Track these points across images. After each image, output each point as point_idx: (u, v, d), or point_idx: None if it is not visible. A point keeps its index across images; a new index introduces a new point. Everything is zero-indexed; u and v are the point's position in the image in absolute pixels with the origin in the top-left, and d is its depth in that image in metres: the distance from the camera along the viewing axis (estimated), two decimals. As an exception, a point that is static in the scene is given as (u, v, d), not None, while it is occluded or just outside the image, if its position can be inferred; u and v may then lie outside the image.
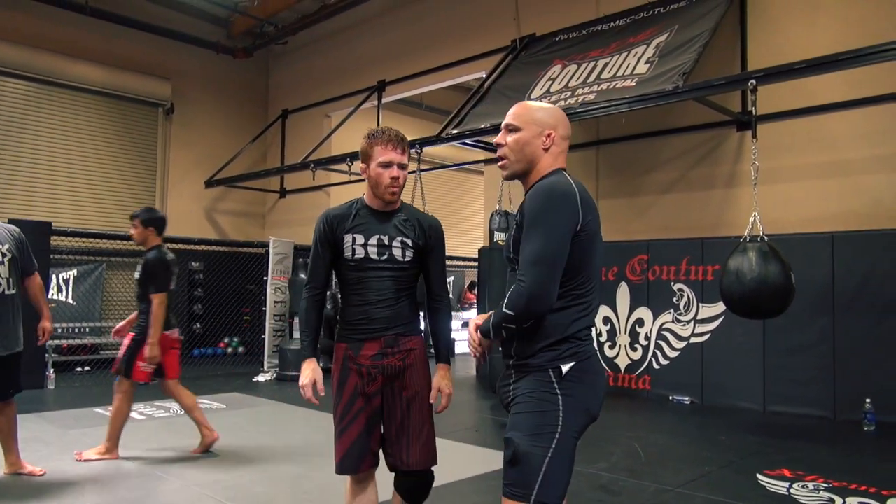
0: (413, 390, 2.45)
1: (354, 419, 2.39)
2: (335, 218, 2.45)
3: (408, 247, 2.45)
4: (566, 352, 1.84)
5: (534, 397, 1.82)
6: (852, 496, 3.82)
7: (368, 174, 2.44)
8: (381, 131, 2.45)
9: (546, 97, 6.92)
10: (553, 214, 1.80)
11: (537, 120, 1.97)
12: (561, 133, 1.98)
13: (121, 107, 10.60)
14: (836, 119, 6.27)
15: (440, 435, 5.34)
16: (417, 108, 13.18)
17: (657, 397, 7.17)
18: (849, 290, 6.03)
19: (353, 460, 2.39)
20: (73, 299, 9.50)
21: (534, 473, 1.74)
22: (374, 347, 2.40)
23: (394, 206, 2.48)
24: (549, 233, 1.78)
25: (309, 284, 2.49)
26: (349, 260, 2.42)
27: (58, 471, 4.21)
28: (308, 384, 2.42)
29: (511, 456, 1.79)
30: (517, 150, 1.96)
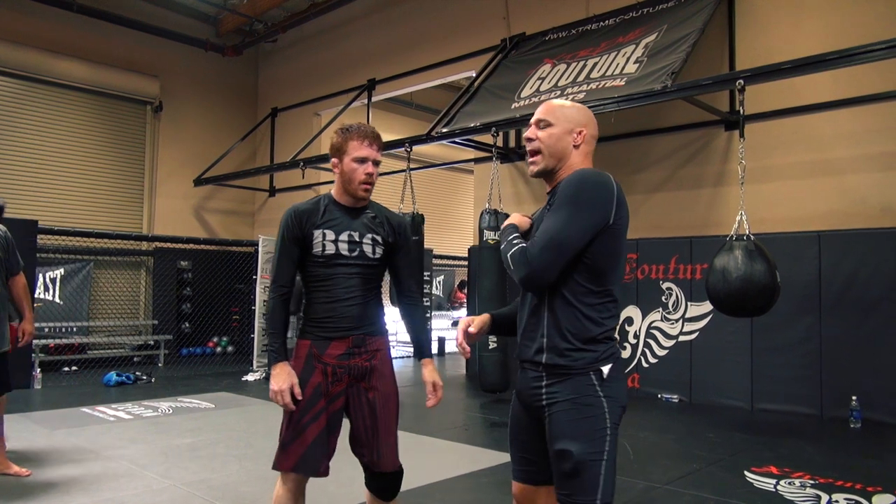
0: (380, 391, 2.41)
1: (315, 419, 2.33)
2: (304, 213, 2.38)
3: (378, 244, 2.44)
4: (605, 353, 1.83)
5: (579, 402, 1.79)
6: (838, 492, 3.85)
7: (341, 169, 2.40)
8: (356, 126, 2.41)
9: (536, 96, 6.93)
10: (583, 202, 1.79)
11: (569, 117, 1.95)
12: (591, 132, 1.97)
13: (109, 104, 10.53)
14: (822, 119, 6.32)
15: (430, 434, 5.38)
16: (407, 106, 13.17)
17: (646, 396, 7.20)
18: (835, 289, 6.08)
19: (313, 461, 2.33)
20: (59, 298, 9.43)
21: (595, 479, 1.75)
22: (342, 347, 2.36)
23: (363, 202, 2.46)
24: (572, 218, 1.77)
25: (276, 283, 2.39)
26: (318, 256, 2.36)
27: (44, 471, 4.18)
28: (285, 389, 2.29)
29: (572, 468, 1.76)
30: (550, 145, 1.93)
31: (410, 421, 6.21)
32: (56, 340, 9.11)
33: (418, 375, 9.36)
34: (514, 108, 6.92)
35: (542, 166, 1.96)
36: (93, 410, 6.24)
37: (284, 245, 2.38)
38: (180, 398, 6.98)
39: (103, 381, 7.90)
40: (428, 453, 4.86)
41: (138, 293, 10.78)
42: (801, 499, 3.75)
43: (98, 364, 9.04)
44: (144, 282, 10.84)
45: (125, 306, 10.46)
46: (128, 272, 10.63)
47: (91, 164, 10.32)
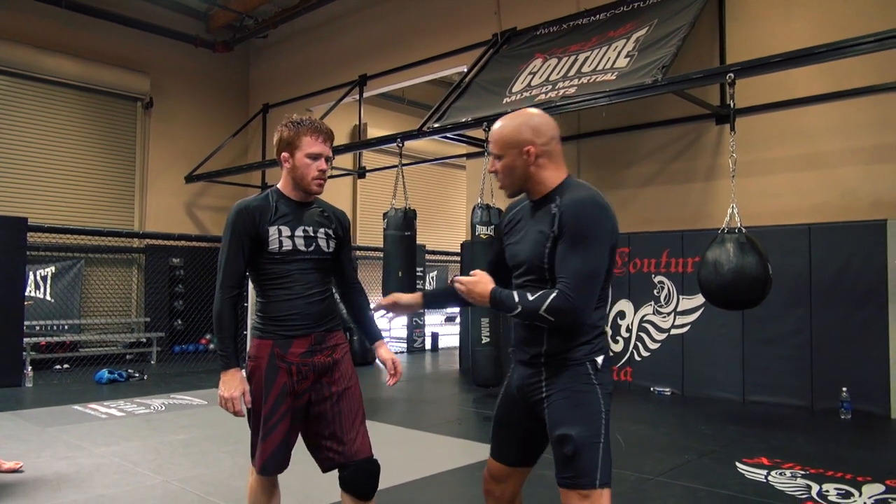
0: (342, 385, 2.37)
1: (280, 420, 2.30)
2: (255, 210, 2.30)
3: (330, 237, 2.42)
4: (598, 345, 1.96)
5: (575, 391, 1.91)
6: (828, 482, 3.88)
7: (292, 164, 2.33)
8: (307, 121, 2.34)
9: (527, 91, 6.93)
10: (600, 231, 1.89)
11: (512, 142, 2.00)
12: (541, 142, 1.99)
13: (99, 101, 10.47)
14: (812, 112, 6.35)
15: (423, 428, 5.38)
16: (399, 102, 13.15)
17: (639, 389, 7.23)
18: (825, 281, 6.12)
19: (278, 462, 2.33)
20: (51, 296, 9.39)
21: (594, 461, 1.86)
22: (304, 345, 2.31)
23: (313, 197, 2.43)
24: (595, 249, 1.87)
25: (225, 284, 2.27)
26: (275, 253, 2.29)
27: (36, 468, 4.17)
28: (236, 396, 2.22)
29: (572, 451, 1.87)
30: (507, 175, 2.04)
31: (403, 416, 6.22)
32: (47, 338, 9.07)
33: (412, 371, 9.39)
34: (506, 103, 6.92)
35: (510, 192, 2.08)
36: (85, 408, 6.22)
37: (235, 243, 2.28)
38: (173, 395, 6.96)
39: (95, 379, 7.88)
40: (421, 448, 4.87)
41: (130, 291, 10.74)
42: (792, 489, 3.77)
43: (90, 362, 9.00)
44: (136, 279, 10.79)
45: (117, 304, 10.42)
46: (119, 269, 10.59)
47: (81, 162, 10.26)
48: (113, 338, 9.90)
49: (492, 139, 2.06)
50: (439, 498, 3.71)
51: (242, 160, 11.72)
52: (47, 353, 9.02)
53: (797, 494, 3.67)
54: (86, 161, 10.31)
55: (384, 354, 2.52)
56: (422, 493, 3.76)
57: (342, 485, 2.36)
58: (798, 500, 3.57)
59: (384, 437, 5.15)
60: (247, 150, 12.13)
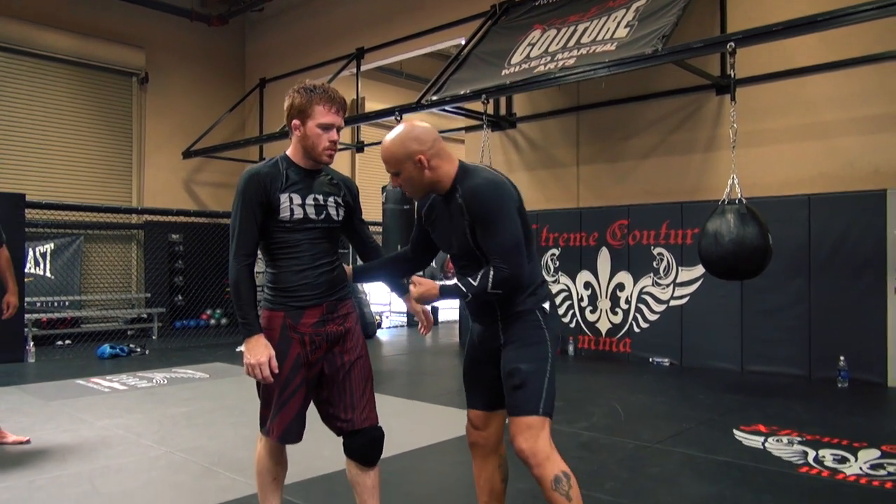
0: (354, 353, 2.39)
1: (296, 392, 2.30)
2: (266, 177, 2.26)
3: (340, 206, 2.40)
4: (542, 294, 2.23)
5: (526, 335, 2.17)
6: (825, 448, 3.93)
7: (303, 132, 2.28)
8: (320, 87, 2.28)
9: (526, 62, 6.87)
10: (502, 206, 2.10)
11: (403, 157, 2.17)
12: (428, 146, 2.17)
13: (94, 76, 10.37)
14: (813, 82, 6.30)
15: (425, 399, 5.43)
16: (397, 76, 13.03)
17: (637, 360, 7.28)
18: (824, 251, 6.13)
19: (296, 431, 2.35)
20: (51, 273, 9.40)
21: (538, 391, 2.11)
22: (316, 314, 2.30)
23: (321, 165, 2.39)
24: (505, 222, 2.09)
25: (240, 252, 2.24)
26: (286, 221, 2.26)
27: (41, 440, 4.21)
28: (264, 361, 2.19)
29: (520, 381, 2.12)
30: (411, 186, 2.23)
31: (405, 387, 6.27)
32: (48, 315, 9.10)
33: (412, 344, 9.44)
34: (505, 75, 6.86)
35: (419, 197, 2.30)
36: (87, 382, 6.26)
37: (248, 210, 2.23)
38: (175, 369, 7.01)
39: (97, 354, 7.92)
40: (422, 418, 4.92)
41: (130, 267, 10.75)
42: (789, 455, 3.82)
43: (92, 337, 9.05)
44: (136, 255, 10.80)
45: (117, 280, 10.44)
46: (119, 246, 10.59)
47: (78, 138, 10.20)
48: (114, 314, 9.94)
49: (384, 159, 2.22)
50: (440, 465, 3.75)
51: (240, 135, 11.65)
52: (49, 330, 9.05)
53: (794, 460, 3.72)
54: (82, 137, 10.25)
55: (415, 306, 2.51)
56: (423, 461, 3.81)
57: (346, 451, 2.39)
58: (794, 466, 3.62)
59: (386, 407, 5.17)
60: (244, 124, 12.06)
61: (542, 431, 2.08)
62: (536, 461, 2.06)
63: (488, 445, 2.38)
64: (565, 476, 2.06)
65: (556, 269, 8.05)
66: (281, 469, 2.47)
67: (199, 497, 3.21)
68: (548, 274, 8.13)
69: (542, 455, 2.06)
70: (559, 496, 2.04)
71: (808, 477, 3.45)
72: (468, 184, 2.13)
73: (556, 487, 2.04)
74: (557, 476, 2.05)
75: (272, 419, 2.33)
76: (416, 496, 3.28)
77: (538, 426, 2.08)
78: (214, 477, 3.51)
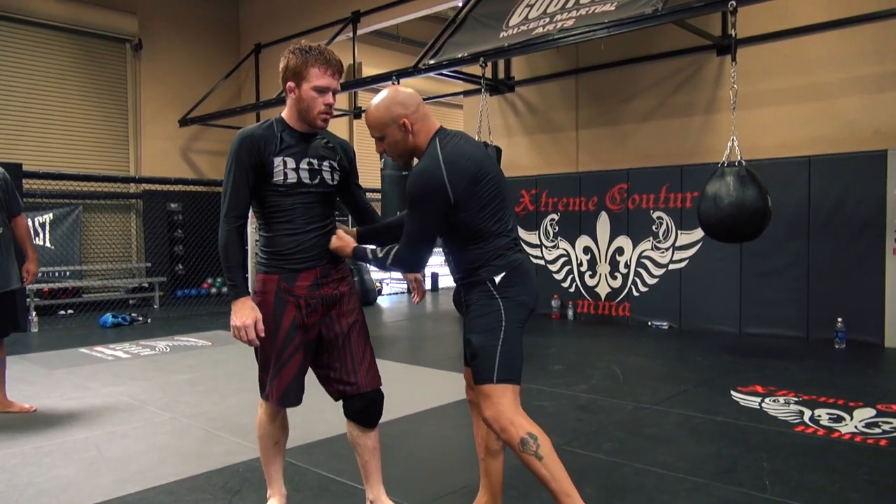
0: (352, 317, 2.39)
1: (294, 354, 2.31)
2: (260, 139, 2.23)
3: (335, 170, 2.38)
4: (497, 266, 2.21)
5: (480, 304, 2.21)
6: (821, 408, 3.98)
7: (298, 95, 2.24)
8: (316, 50, 2.24)
9: (524, 24, 6.76)
10: (422, 203, 2.12)
11: (388, 120, 2.19)
12: (412, 111, 2.20)
13: (87, 43, 10.23)
14: (814, 41, 6.22)
15: (425, 364, 5.48)
16: (394, 40, 12.84)
17: (637, 324, 7.33)
18: (823, 213, 6.12)
19: (295, 394, 2.36)
20: (51, 243, 9.40)
21: (490, 360, 2.15)
22: (310, 277, 2.31)
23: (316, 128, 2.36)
24: (419, 218, 2.14)
25: (230, 214, 2.23)
26: (279, 185, 2.25)
27: (46, 408, 4.26)
28: (249, 324, 2.19)
29: (472, 353, 2.20)
30: (395, 151, 2.25)
31: (406, 353, 6.32)
32: (50, 285, 9.13)
33: (412, 310, 9.49)
34: (503, 38, 6.76)
35: (403, 162, 2.30)
36: (91, 350, 6.31)
37: (240, 172, 2.23)
38: (177, 337, 7.06)
39: (100, 323, 7.97)
40: (423, 382, 4.97)
41: (129, 236, 10.74)
42: (785, 414, 3.87)
43: (94, 307, 9.09)
44: (135, 225, 10.78)
45: (117, 250, 10.44)
46: (118, 215, 10.57)
47: (73, 107, 10.10)
48: (115, 283, 9.97)
49: (370, 123, 2.23)
50: (442, 428, 3.80)
51: (236, 102, 11.53)
52: (51, 300, 9.09)
53: (790, 419, 3.77)
54: (78, 106, 10.15)
55: (409, 275, 2.57)
56: (424, 425, 3.86)
57: (347, 414, 2.42)
58: (791, 425, 3.67)
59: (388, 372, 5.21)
60: (240, 91, 11.93)
61: (503, 398, 2.13)
62: (500, 426, 2.12)
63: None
64: (531, 437, 2.09)
65: (556, 234, 8.05)
66: (282, 433, 2.50)
67: (204, 461, 3.26)
68: (547, 239, 8.13)
69: (505, 421, 2.11)
70: (528, 456, 2.09)
71: (803, 436, 3.50)
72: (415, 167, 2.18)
73: (523, 450, 2.09)
74: (524, 438, 2.09)
75: (270, 383, 2.35)
76: (417, 458, 3.33)
77: (496, 394, 2.13)
78: (219, 441, 3.56)
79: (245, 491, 2.87)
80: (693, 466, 3.07)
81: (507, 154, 8.02)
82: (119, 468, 3.17)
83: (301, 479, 2.98)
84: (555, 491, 2.10)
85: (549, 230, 8.11)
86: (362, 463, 2.48)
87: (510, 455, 2.35)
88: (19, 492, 2.90)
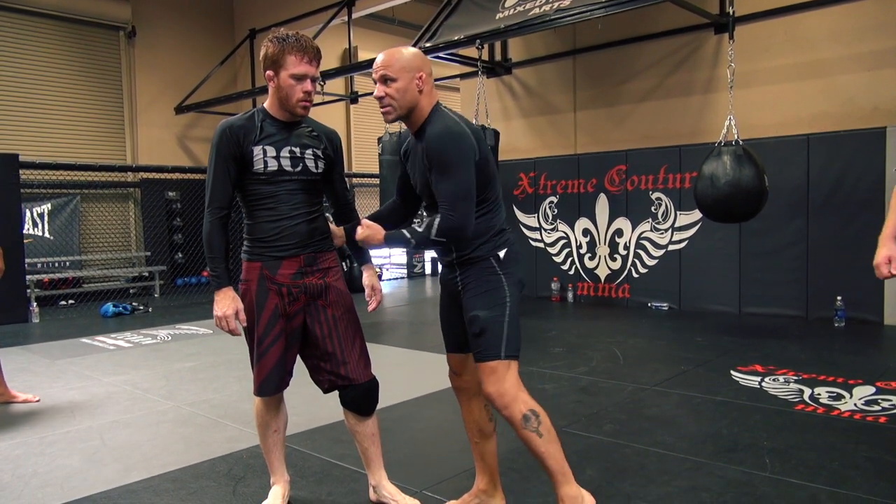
0: (339, 308, 2.39)
1: (275, 342, 2.32)
2: (240, 129, 2.25)
3: (319, 157, 2.37)
4: (499, 241, 2.23)
5: (482, 280, 2.20)
6: (820, 386, 4.00)
7: (277, 84, 2.26)
8: (293, 38, 2.24)
9: (521, 5, 6.71)
10: (459, 156, 2.09)
11: (408, 66, 2.16)
12: (427, 71, 2.19)
13: (80, 31, 10.14)
14: (813, 18, 6.17)
15: (426, 349, 5.50)
16: (390, 23, 12.75)
17: (636, 305, 7.34)
18: (823, 191, 6.11)
19: (274, 383, 2.36)
20: (49, 233, 9.39)
21: (498, 336, 2.15)
22: (293, 266, 2.31)
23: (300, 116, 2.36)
24: (461, 172, 2.08)
25: (213, 205, 2.25)
26: (260, 174, 2.26)
27: (49, 398, 4.28)
28: (230, 314, 2.22)
29: (479, 328, 2.16)
30: (399, 99, 2.16)
31: (406, 338, 6.34)
32: (50, 275, 9.13)
33: (413, 295, 9.50)
34: (499, 19, 6.71)
35: (394, 116, 2.20)
36: (92, 340, 6.33)
37: (220, 163, 2.25)
38: (178, 326, 7.07)
39: (101, 313, 7.98)
40: (424, 367, 4.99)
41: (128, 225, 10.73)
42: (785, 393, 3.89)
43: (94, 297, 9.10)
44: (133, 214, 10.76)
45: (116, 239, 10.44)
46: (116, 205, 10.55)
47: (69, 96, 10.03)
48: (115, 273, 9.97)
49: (385, 63, 2.16)
50: (442, 413, 3.82)
51: (232, 89, 11.47)
52: (51, 290, 9.10)
53: (790, 398, 3.79)
54: (73, 95, 10.08)
55: (365, 279, 2.52)
56: (425, 409, 3.88)
57: (343, 403, 2.44)
58: (790, 404, 3.69)
59: (389, 357, 5.27)
60: (235, 78, 11.86)
61: (508, 373, 2.14)
62: (503, 402, 2.13)
63: (470, 388, 2.42)
64: (533, 414, 2.12)
65: (555, 216, 8.04)
66: (280, 420, 2.52)
67: (207, 448, 3.27)
68: (546, 221, 8.12)
69: (509, 397, 2.12)
70: (530, 433, 2.11)
71: (803, 414, 3.52)
72: (432, 129, 2.14)
73: (525, 426, 2.11)
74: (526, 415, 2.12)
75: (253, 370, 2.37)
76: (418, 442, 3.35)
77: (502, 369, 2.14)
78: (222, 429, 3.58)
79: (249, 477, 2.89)
80: (693, 446, 3.09)
81: (504, 137, 8.00)
82: (123, 457, 3.19)
83: (304, 465, 3.00)
84: (551, 469, 2.13)
85: (548, 213, 8.09)
86: (362, 450, 2.49)
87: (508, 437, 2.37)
88: (24, 482, 2.92)
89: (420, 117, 2.19)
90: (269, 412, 2.47)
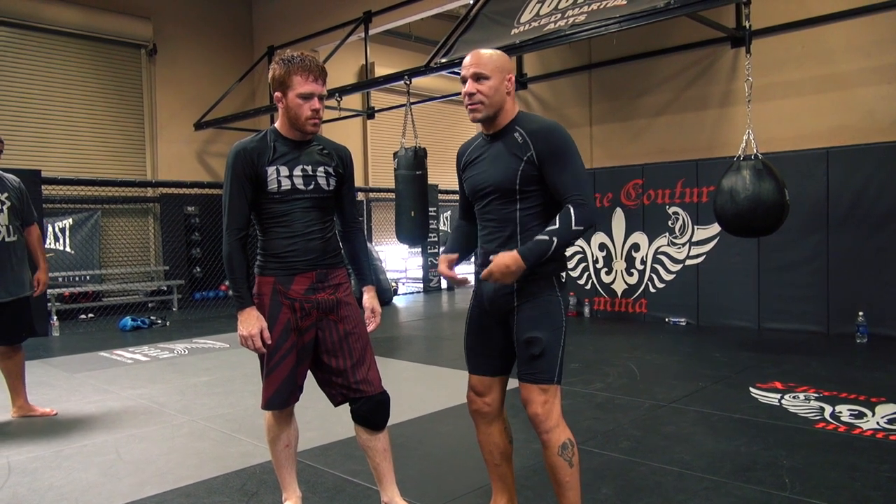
0: (350, 323, 2.40)
1: (286, 356, 2.34)
2: (253, 151, 2.29)
3: (331, 175, 2.39)
4: (563, 262, 2.22)
5: (543, 301, 2.15)
6: (842, 404, 3.92)
7: (285, 104, 2.30)
8: (298, 58, 2.28)
9: (535, 20, 6.73)
10: (573, 145, 2.14)
11: (500, 67, 2.17)
12: (513, 78, 2.22)
13: (103, 49, 10.34)
14: (831, 31, 6.12)
15: (441, 364, 5.48)
16: (406, 39, 12.86)
17: (654, 320, 7.27)
18: (842, 205, 6.03)
19: (283, 397, 2.38)
20: (70, 248, 9.51)
21: (556, 359, 2.14)
22: (306, 282, 2.34)
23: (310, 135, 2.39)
24: (579, 160, 2.14)
25: (231, 227, 2.30)
26: (274, 193, 2.29)
27: (67, 411, 4.32)
28: (255, 333, 2.26)
29: (540, 350, 2.12)
30: (491, 97, 2.16)
31: (422, 353, 6.33)
32: (70, 289, 9.25)
33: (428, 309, 9.49)
34: (514, 35, 6.74)
35: (483, 115, 2.19)
36: (111, 354, 6.38)
37: (237, 186, 2.28)
38: (195, 340, 7.12)
39: (119, 327, 8.06)
40: (439, 382, 4.97)
41: (147, 240, 10.85)
42: (805, 411, 3.82)
43: (113, 311, 9.19)
44: (153, 228, 10.89)
45: (135, 253, 10.56)
46: (135, 220, 10.68)
47: (90, 112, 10.21)
48: (134, 286, 10.07)
49: (479, 61, 2.16)
50: (458, 428, 3.80)
51: (250, 105, 11.59)
52: (71, 304, 9.21)
53: (810, 416, 3.72)
54: (95, 112, 10.26)
55: (365, 301, 2.53)
56: (440, 425, 3.86)
57: (354, 417, 2.44)
58: (811, 422, 3.62)
59: (404, 372, 5.26)
60: (254, 94, 12.00)
61: (556, 399, 2.14)
62: (549, 426, 2.12)
63: (493, 412, 2.39)
64: (571, 444, 2.14)
65: (571, 230, 8.00)
66: (291, 435, 2.52)
67: (222, 463, 3.28)
68: (562, 236, 8.08)
69: (554, 422, 2.13)
70: (563, 461, 2.11)
71: (824, 433, 3.45)
72: (538, 123, 2.17)
73: (562, 453, 2.11)
74: (565, 443, 2.12)
75: (263, 384, 2.38)
76: (433, 458, 3.33)
77: (553, 394, 2.13)
78: (237, 444, 3.59)
79: (262, 493, 2.88)
80: (711, 465, 3.04)
81: (520, 151, 7.98)
82: (138, 471, 3.20)
83: (317, 481, 2.99)
84: (569, 500, 2.14)
85: (564, 227, 8.06)
86: (374, 465, 2.48)
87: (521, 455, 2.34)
88: (40, 495, 2.93)
89: (505, 118, 2.20)
90: (280, 427, 2.48)
